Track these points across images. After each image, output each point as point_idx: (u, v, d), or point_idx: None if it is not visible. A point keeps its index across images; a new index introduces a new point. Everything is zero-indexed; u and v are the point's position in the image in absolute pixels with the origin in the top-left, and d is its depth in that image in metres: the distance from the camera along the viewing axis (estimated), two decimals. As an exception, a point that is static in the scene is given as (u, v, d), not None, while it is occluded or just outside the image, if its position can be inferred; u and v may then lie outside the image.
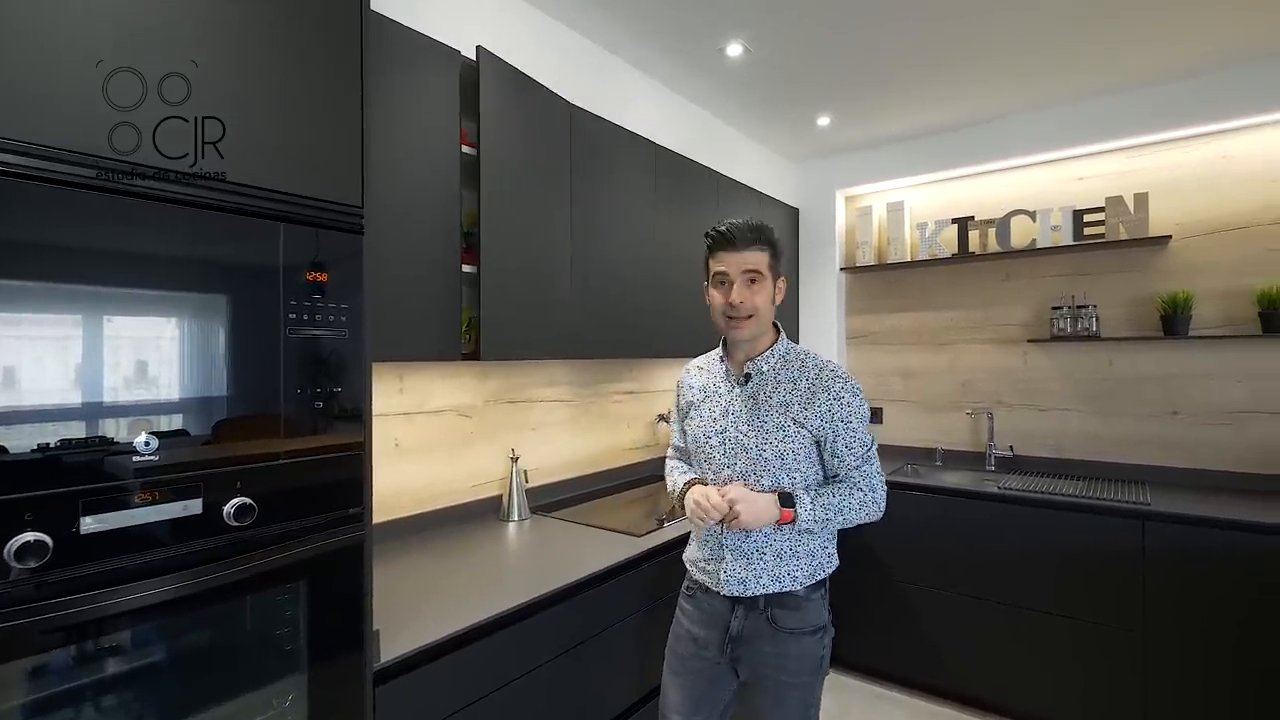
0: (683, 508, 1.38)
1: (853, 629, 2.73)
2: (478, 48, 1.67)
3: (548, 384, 2.41)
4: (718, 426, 1.37)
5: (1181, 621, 2.10)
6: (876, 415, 3.40)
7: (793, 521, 1.27)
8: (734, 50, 2.24)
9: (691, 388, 1.48)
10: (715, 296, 1.36)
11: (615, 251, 2.22)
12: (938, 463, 3.11)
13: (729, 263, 1.32)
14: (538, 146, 1.88)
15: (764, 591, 1.31)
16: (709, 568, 1.37)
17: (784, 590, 1.31)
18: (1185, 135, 2.60)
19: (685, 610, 1.45)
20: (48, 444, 0.79)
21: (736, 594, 1.32)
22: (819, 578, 1.35)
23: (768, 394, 1.34)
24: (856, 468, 1.33)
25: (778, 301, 1.37)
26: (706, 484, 1.37)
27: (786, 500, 1.28)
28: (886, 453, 3.29)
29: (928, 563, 2.59)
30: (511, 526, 2.05)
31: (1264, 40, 2.24)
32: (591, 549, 1.79)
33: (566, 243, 2.01)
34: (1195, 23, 2.13)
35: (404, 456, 1.93)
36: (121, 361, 0.87)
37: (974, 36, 2.22)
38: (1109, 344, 2.75)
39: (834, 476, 1.35)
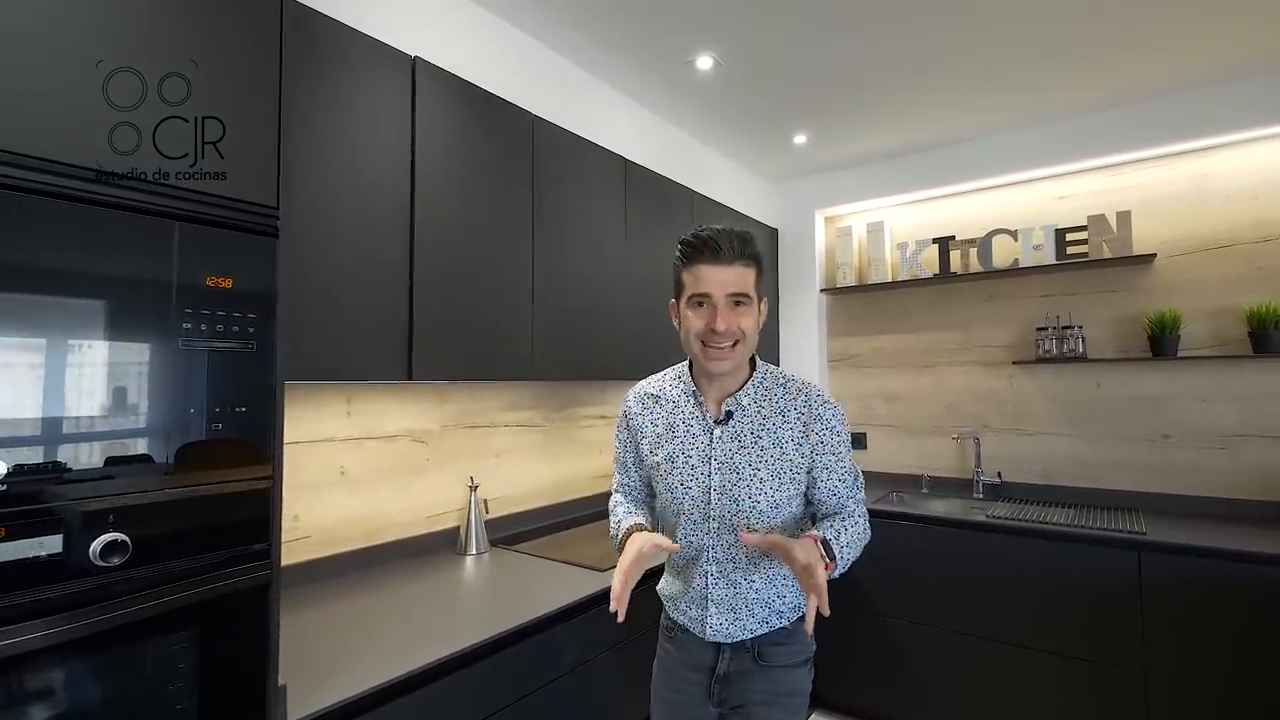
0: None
1: (833, 667, 2.58)
2: (414, 58, 1.58)
3: (512, 408, 2.29)
4: (700, 475, 1.17)
5: (1183, 659, 1.97)
6: (861, 440, 3.29)
7: (832, 571, 1.10)
8: (704, 63, 2.18)
9: (646, 423, 1.26)
10: (691, 320, 1.13)
11: (584, 269, 2.13)
12: (924, 490, 3.00)
13: (711, 281, 1.10)
14: (490, 158, 1.79)
15: (750, 636, 1.19)
16: (691, 613, 1.23)
17: (774, 629, 1.20)
18: (1166, 153, 2.56)
19: (667, 650, 1.30)
20: None
21: (720, 641, 1.20)
22: (802, 611, 1.22)
23: (753, 434, 1.16)
24: (851, 496, 1.21)
25: (760, 325, 1.18)
26: (650, 530, 1.20)
27: (825, 549, 1.09)
28: (873, 480, 3.17)
29: (913, 596, 2.46)
30: (469, 561, 1.91)
31: (1242, 56, 2.21)
32: (552, 586, 1.65)
33: (527, 259, 1.90)
34: (1174, 39, 2.10)
35: (351, 485, 1.80)
36: (-40, 376, 0.75)
37: (951, 54, 2.18)
38: (1096, 365, 2.67)
39: (831, 511, 1.21)
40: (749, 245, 1.12)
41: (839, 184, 3.32)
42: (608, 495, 2.59)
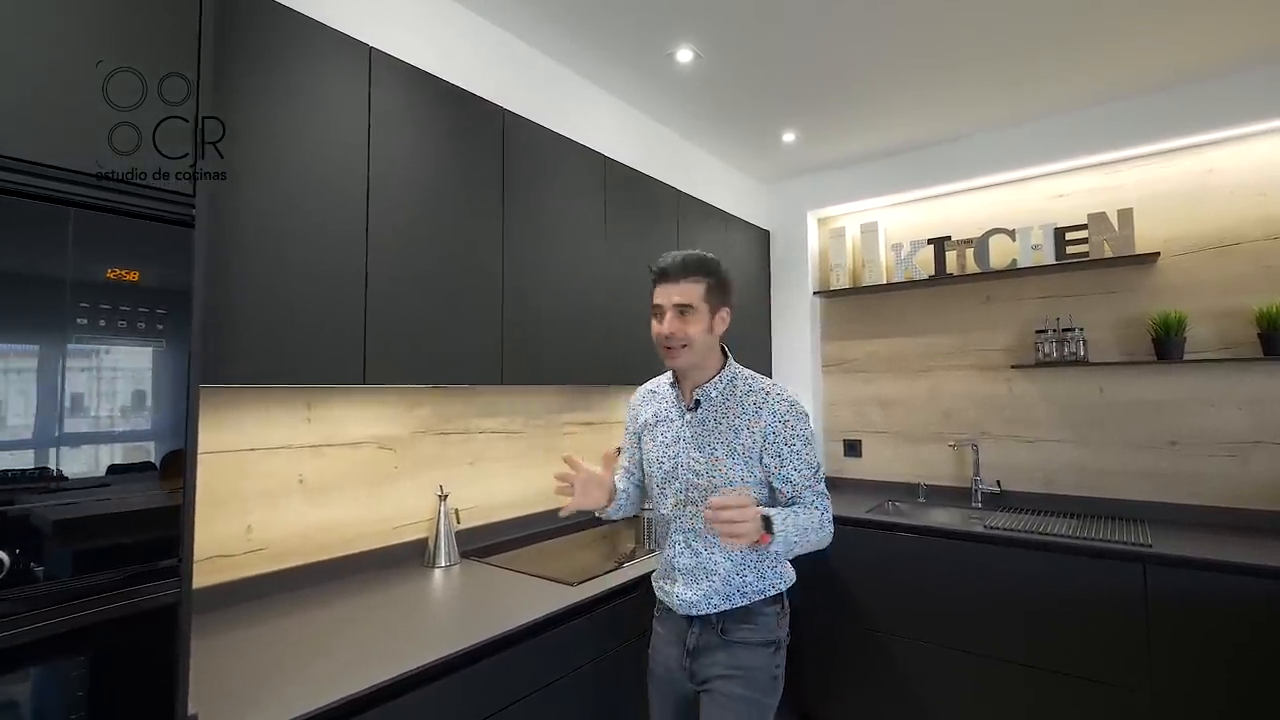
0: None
1: (826, 683, 2.48)
2: (370, 49, 1.52)
3: (488, 413, 2.20)
4: (670, 452, 1.40)
5: (1190, 677, 1.86)
6: (855, 448, 3.19)
7: (767, 544, 1.20)
8: (684, 56, 2.10)
9: (644, 413, 1.51)
10: (654, 326, 1.37)
11: (560, 271, 2.05)
12: (921, 499, 2.89)
13: (662, 295, 1.35)
14: (455, 154, 1.72)
15: (714, 610, 1.33)
16: (665, 586, 1.41)
17: (736, 607, 1.33)
18: (1168, 148, 2.47)
19: (656, 631, 1.48)
20: None
21: (689, 614, 1.35)
22: (772, 592, 1.36)
23: (716, 420, 1.36)
24: (809, 487, 1.33)
25: (717, 332, 1.38)
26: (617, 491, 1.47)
27: (765, 523, 1.20)
28: (868, 489, 3.07)
29: (908, 610, 2.35)
30: (437, 574, 1.82)
31: (1245, 48, 2.12)
32: (518, 602, 1.56)
33: (496, 260, 1.83)
34: (1174, 31, 2.01)
35: (311, 495, 1.71)
36: None
37: (943, 47, 2.10)
38: (1098, 369, 2.57)
39: (788, 501, 1.34)
40: (699, 264, 1.34)
41: (832, 184, 3.24)
42: None
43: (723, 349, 1.43)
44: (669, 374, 1.49)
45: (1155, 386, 2.46)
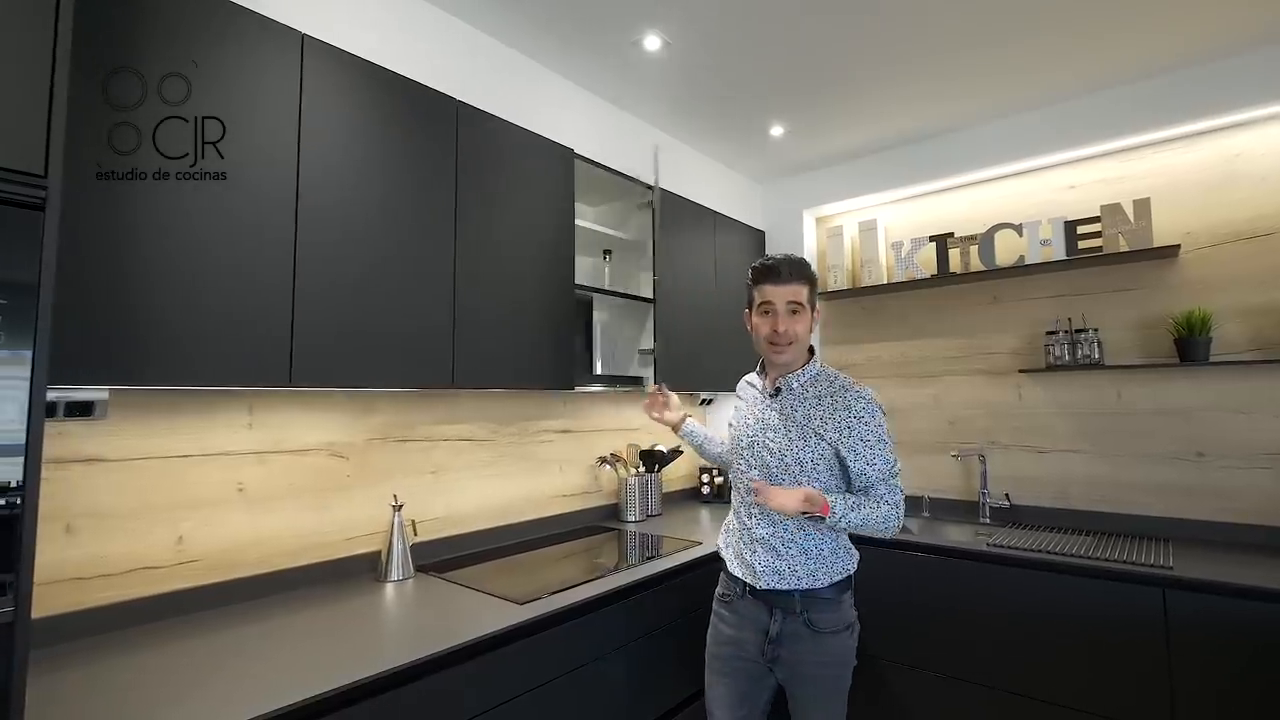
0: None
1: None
2: (303, 36, 1.44)
3: (451, 420, 2.11)
4: (750, 433, 1.53)
5: (1217, 717, 1.65)
6: (856, 458, 3.01)
7: (826, 514, 1.34)
8: (652, 44, 1.99)
9: (739, 397, 1.66)
10: (760, 324, 1.49)
11: (520, 271, 1.95)
12: (925, 513, 2.70)
13: (775, 294, 1.45)
14: (400, 146, 1.63)
15: (799, 587, 1.41)
16: (746, 558, 1.48)
17: (816, 587, 1.41)
18: (1188, 132, 2.26)
19: (722, 616, 1.55)
20: None
21: (773, 586, 1.42)
22: (845, 574, 1.46)
23: (794, 407, 1.47)
24: (883, 481, 1.40)
25: (813, 329, 1.50)
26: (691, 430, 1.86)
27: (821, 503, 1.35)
28: (868, 501, 2.89)
29: (909, 635, 2.17)
30: (388, 589, 1.72)
31: (1273, 21, 1.92)
32: (460, 621, 1.45)
33: (447, 257, 1.73)
34: (1193, 3, 1.83)
35: (251, 504, 1.64)
36: None
37: (938, 30, 1.95)
38: (1115, 373, 2.36)
39: (860, 489, 1.42)
40: (802, 268, 1.47)
41: (827, 181, 3.08)
42: (572, 515, 2.43)
43: (809, 346, 1.53)
44: (758, 365, 1.62)
45: (1179, 391, 2.25)
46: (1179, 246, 2.23)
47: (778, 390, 1.51)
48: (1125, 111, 2.31)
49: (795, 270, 1.46)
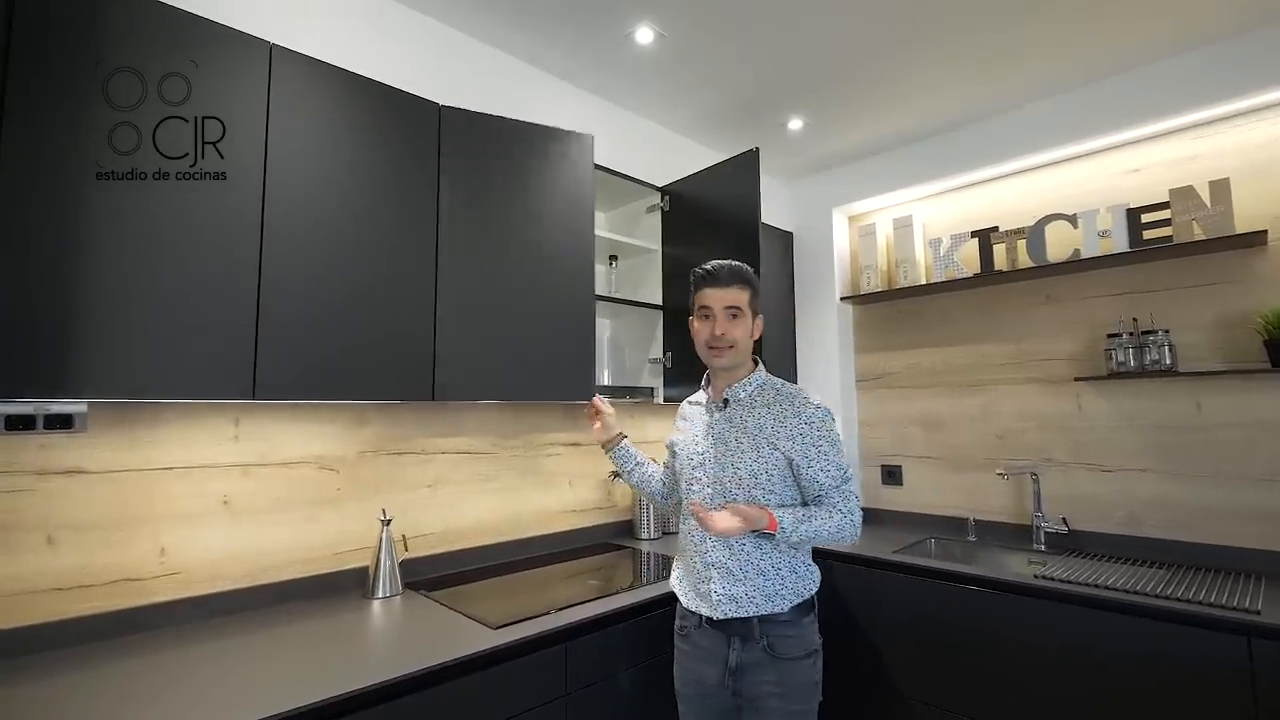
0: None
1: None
2: (271, 45, 1.43)
3: (449, 432, 2.06)
4: (699, 447, 1.49)
5: (1323, 801, 1.36)
6: (895, 475, 2.78)
7: (774, 529, 1.30)
8: (644, 36, 1.90)
9: (685, 417, 1.61)
10: (700, 329, 1.48)
11: (514, 281, 1.88)
12: (970, 537, 2.44)
13: (713, 298, 1.44)
14: (375, 151, 1.60)
15: (757, 613, 1.35)
16: (702, 588, 1.42)
17: (775, 612, 1.36)
18: (1274, 100, 1.95)
19: (682, 650, 1.49)
20: None
21: (729, 615, 1.36)
22: (806, 596, 1.40)
23: (743, 418, 1.44)
24: (835, 488, 1.38)
25: (755, 337, 1.49)
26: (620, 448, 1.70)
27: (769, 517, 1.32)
28: (907, 522, 2.66)
29: (944, 675, 1.94)
30: (375, 606, 1.68)
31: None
32: (429, 645, 1.37)
33: (428, 265, 1.69)
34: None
35: (237, 517, 1.63)
36: None
37: (973, 4, 1.75)
38: (1192, 381, 2.06)
39: (813, 499, 1.40)
40: (741, 273, 1.46)
41: (858, 176, 2.88)
42: (583, 531, 2.35)
43: (753, 357, 1.52)
44: (703, 381, 1.60)
45: (1271, 402, 1.93)
46: (1266, 233, 1.92)
47: (725, 402, 1.48)
48: (1198, 80, 2.02)
49: (734, 275, 1.46)
